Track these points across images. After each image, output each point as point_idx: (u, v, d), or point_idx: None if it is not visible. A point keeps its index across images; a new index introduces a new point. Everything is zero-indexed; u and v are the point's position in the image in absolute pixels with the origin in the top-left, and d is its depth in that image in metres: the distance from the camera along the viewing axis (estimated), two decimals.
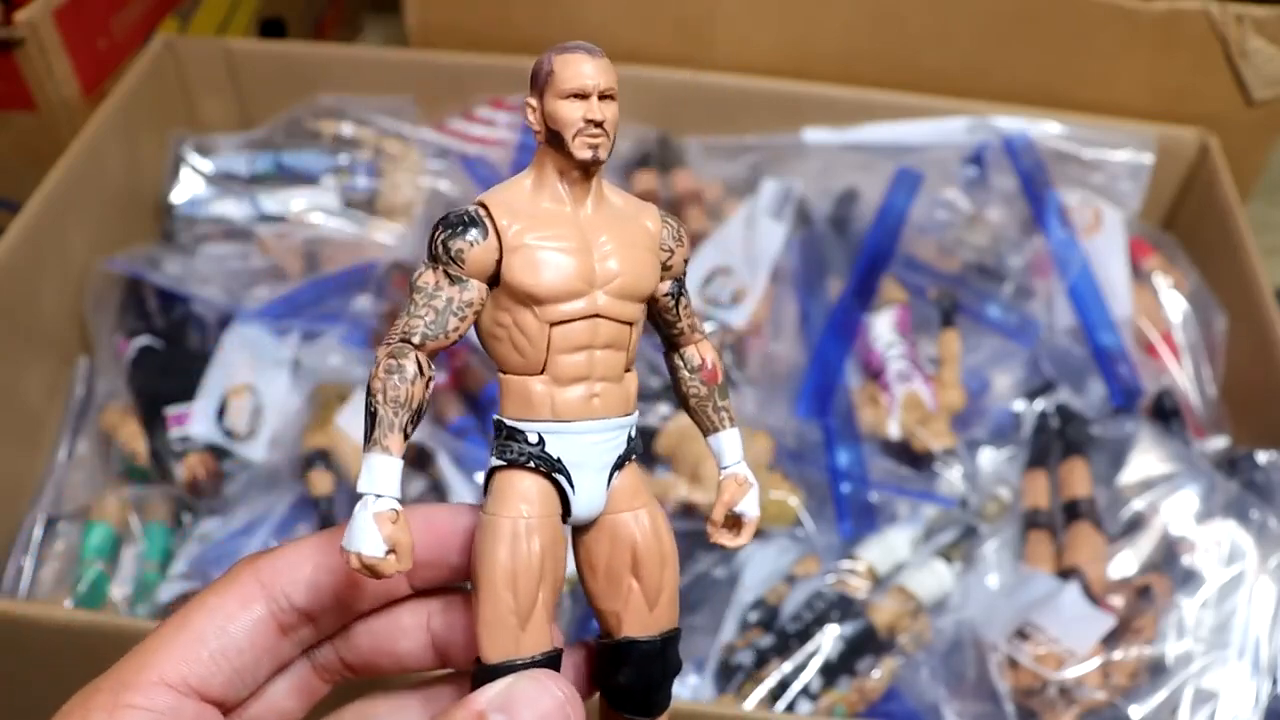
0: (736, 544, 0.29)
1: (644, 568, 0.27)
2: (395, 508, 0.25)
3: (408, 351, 0.26)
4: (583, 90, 0.26)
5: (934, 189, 0.76)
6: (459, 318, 0.26)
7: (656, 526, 0.28)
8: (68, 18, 0.70)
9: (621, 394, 0.27)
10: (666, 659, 0.28)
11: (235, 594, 0.27)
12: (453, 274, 0.26)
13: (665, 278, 0.28)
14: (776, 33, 0.81)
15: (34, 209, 0.64)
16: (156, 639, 0.27)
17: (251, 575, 0.27)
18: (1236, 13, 0.74)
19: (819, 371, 0.68)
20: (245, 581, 0.27)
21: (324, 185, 0.77)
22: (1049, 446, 0.65)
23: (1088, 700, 0.53)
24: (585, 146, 0.26)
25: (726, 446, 0.30)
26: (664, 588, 0.28)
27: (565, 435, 0.27)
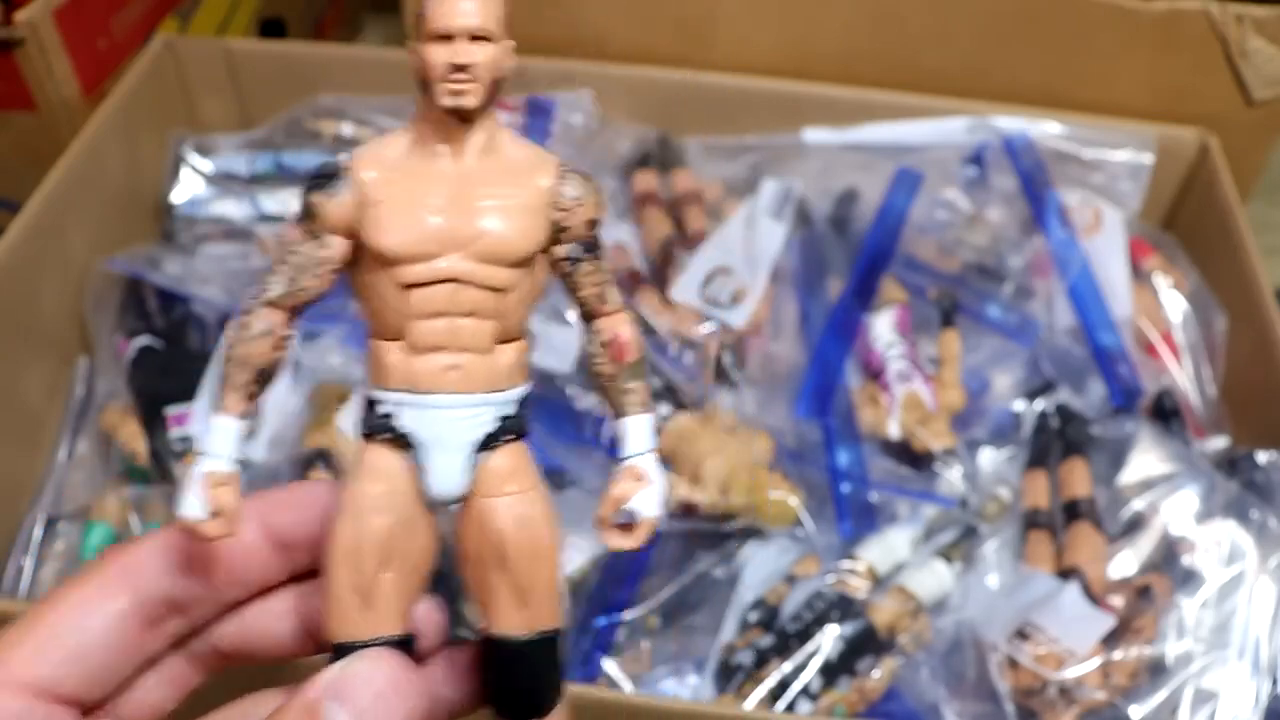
0: (625, 545, 0.26)
1: (512, 560, 0.25)
2: (225, 469, 0.24)
3: (257, 309, 0.25)
4: (446, 30, 0.24)
5: (934, 189, 0.76)
6: (315, 275, 0.25)
7: (530, 515, 0.25)
8: (68, 17, 0.70)
9: (488, 367, 0.25)
10: (534, 661, 0.26)
11: (96, 586, 0.26)
12: (312, 229, 0.25)
13: (562, 240, 0.26)
14: (776, 33, 0.81)
15: (34, 209, 0.64)
16: (10, 635, 0.25)
17: (116, 565, 0.26)
18: (1237, 13, 0.74)
19: (819, 371, 0.68)
20: (108, 572, 0.26)
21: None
22: (1049, 446, 0.65)
23: (1088, 700, 0.53)
24: (447, 93, 0.24)
25: (630, 433, 0.26)
26: (535, 584, 0.25)
27: (417, 408, 0.25)
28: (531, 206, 0.25)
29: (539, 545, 0.25)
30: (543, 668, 0.26)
